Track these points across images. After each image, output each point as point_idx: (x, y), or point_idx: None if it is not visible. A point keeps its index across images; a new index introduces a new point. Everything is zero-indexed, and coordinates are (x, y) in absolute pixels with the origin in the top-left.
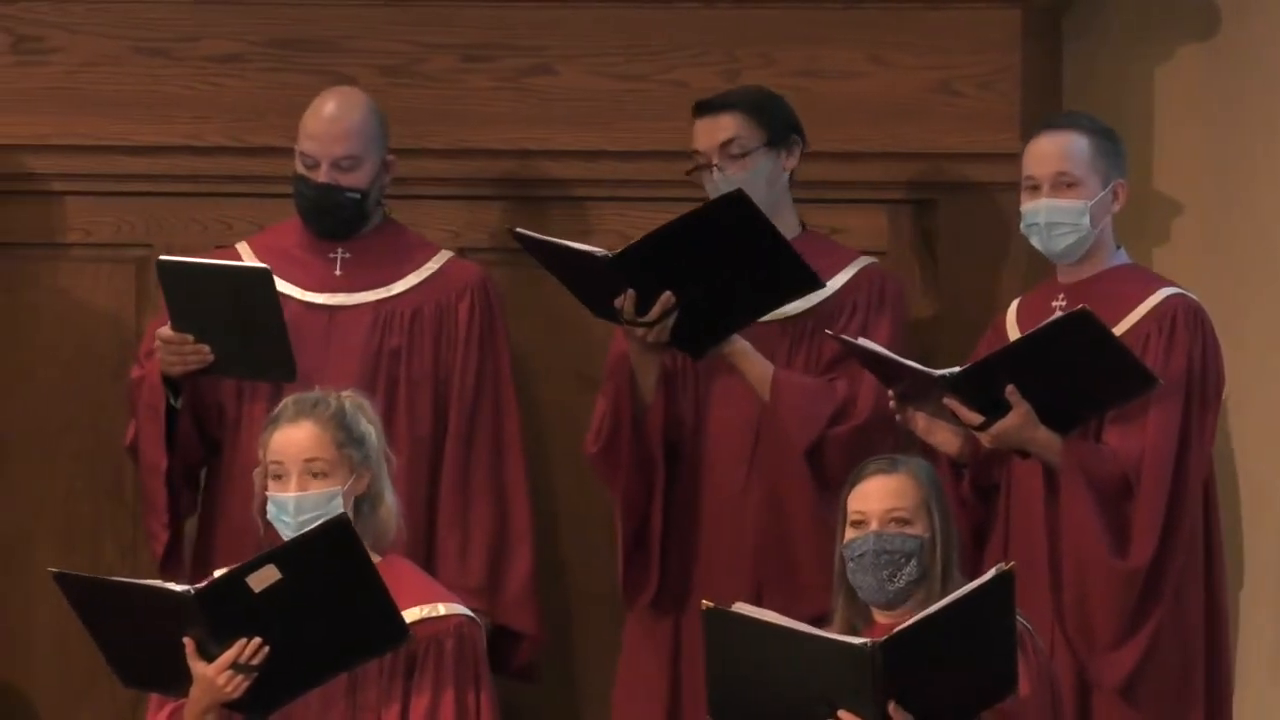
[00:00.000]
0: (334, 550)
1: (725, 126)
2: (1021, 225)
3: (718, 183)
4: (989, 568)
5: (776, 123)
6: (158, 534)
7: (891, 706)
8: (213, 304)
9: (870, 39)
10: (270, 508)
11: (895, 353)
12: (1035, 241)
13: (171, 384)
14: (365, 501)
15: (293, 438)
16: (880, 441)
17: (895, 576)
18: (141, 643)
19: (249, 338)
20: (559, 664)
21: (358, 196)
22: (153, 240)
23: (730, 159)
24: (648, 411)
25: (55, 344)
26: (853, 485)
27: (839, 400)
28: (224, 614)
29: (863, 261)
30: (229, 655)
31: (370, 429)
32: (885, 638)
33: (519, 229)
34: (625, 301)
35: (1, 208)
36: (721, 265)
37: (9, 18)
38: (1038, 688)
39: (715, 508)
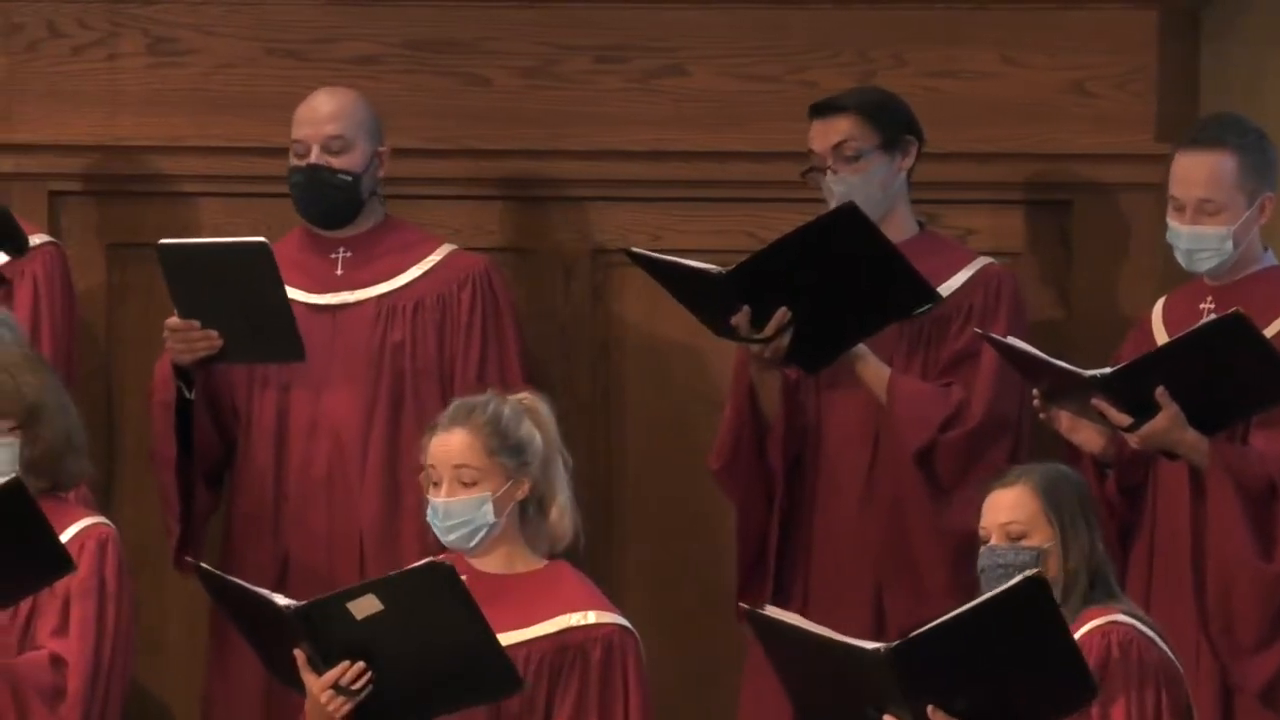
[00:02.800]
0: (437, 591)
1: (839, 129)
2: (1168, 236)
3: (831, 185)
4: (1135, 569)
5: (891, 125)
6: (170, 528)
7: (931, 710)
8: (215, 285)
9: (1003, 39)
10: (428, 512)
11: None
12: (1179, 258)
13: (185, 377)
14: (530, 505)
15: (446, 444)
16: (993, 448)
17: None
18: (272, 643)
19: (254, 317)
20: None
21: (349, 179)
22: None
23: (844, 161)
24: (771, 429)
25: None
26: (983, 497)
27: (952, 405)
28: (327, 635)
29: (980, 262)
30: (331, 675)
31: (535, 433)
32: (896, 643)
33: (633, 249)
34: (741, 319)
35: (137, 209)
36: (836, 279)
37: (145, 20)
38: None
39: (834, 516)
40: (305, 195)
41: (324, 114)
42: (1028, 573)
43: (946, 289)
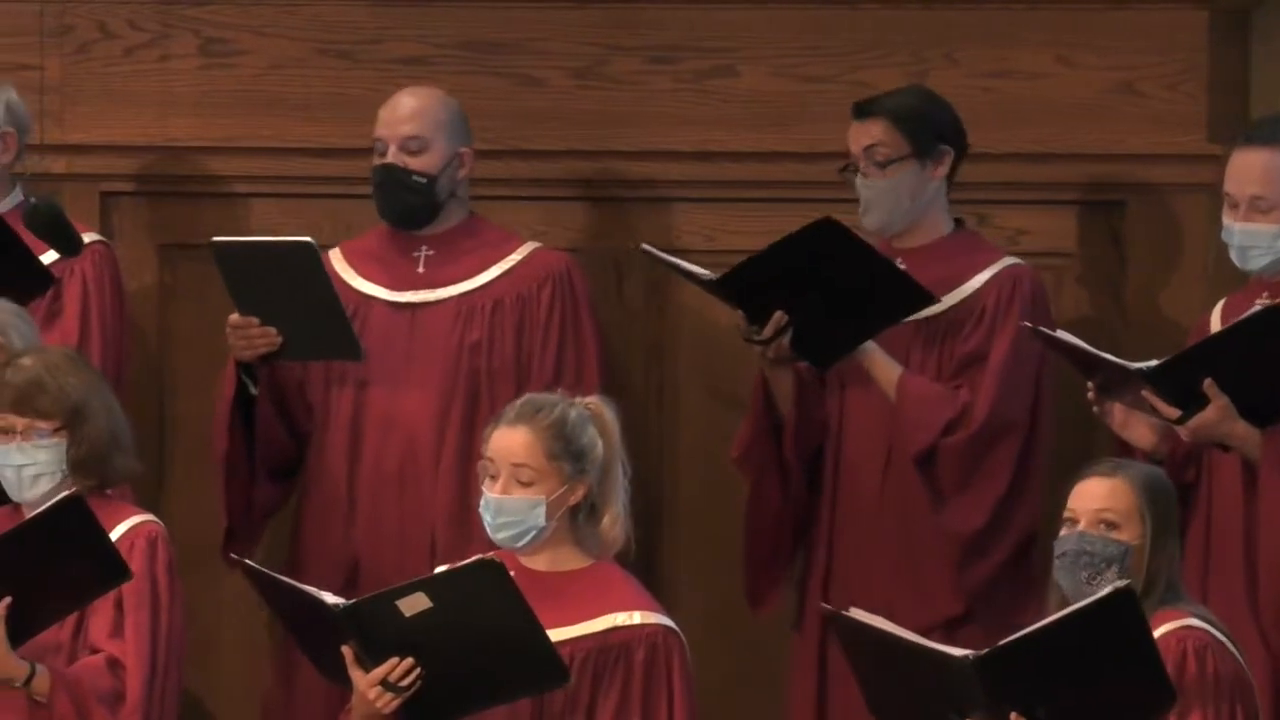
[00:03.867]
0: (487, 588)
1: (871, 133)
2: (1222, 234)
3: (859, 187)
4: (1190, 567)
5: (924, 134)
6: (220, 518)
7: (1013, 717)
8: (268, 283)
9: (1055, 40)
10: (480, 504)
11: (1018, 354)
12: (1232, 256)
13: (251, 372)
14: (581, 511)
15: (507, 440)
16: (996, 451)
17: (1094, 580)
18: (319, 640)
19: (308, 316)
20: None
21: (424, 181)
22: (339, 242)
23: (874, 166)
24: (784, 422)
25: None
26: (1073, 483)
27: (957, 408)
28: (375, 632)
29: (1005, 262)
30: (379, 672)
31: (598, 440)
32: (984, 652)
33: (644, 246)
34: (740, 321)
35: (188, 210)
36: (827, 285)
37: (197, 21)
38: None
39: (853, 511)
40: (382, 194)
41: (403, 114)
42: (1118, 584)
43: (965, 290)
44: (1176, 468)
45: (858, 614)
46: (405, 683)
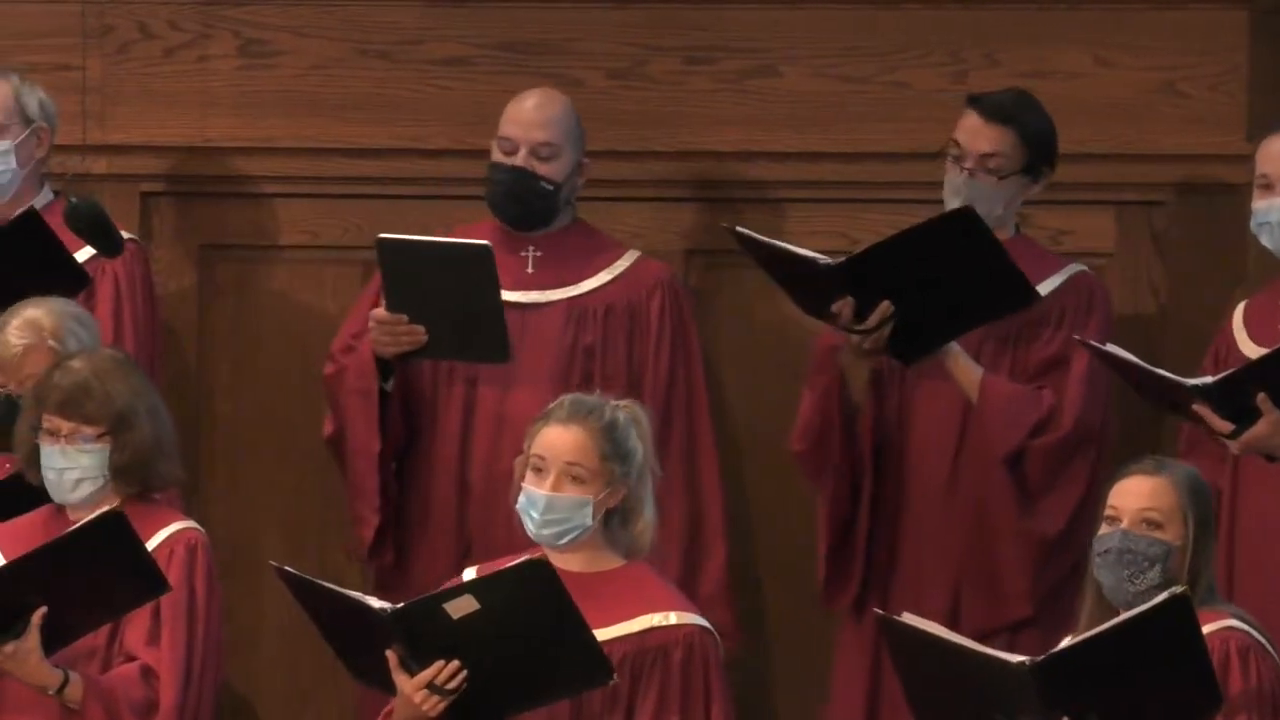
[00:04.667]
0: (534, 588)
1: (994, 139)
2: (1252, 223)
3: (960, 184)
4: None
5: (1040, 154)
6: (367, 519)
7: None
8: (430, 283)
9: (1095, 40)
10: (522, 498)
11: (1103, 364)
12: (1265, 240)
13: (382, 368)
14: (616, 515)
15: (561, 438)
16: (1080, 457)
17: (1136, 578)
18: (362, 646)
19: (465, 318)
20: (753, 661)
21: (551, 189)
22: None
23: (986, 171)
24: (858, 415)
25: (282, 346)
26: (1115, 480)
27: (1044, 409)
28: (422, 635)
29: (1073, 268)
30: (425, 675)
31: (639, 445)
32: (1041, 658)
33: (738, 228)
34: (845, 308)
35: (227, 210)
36: (942, 277)
37: (236, 21)
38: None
39: (918, 509)
40: (507, 196)
41: (538, 119)
42: (1174, 590)
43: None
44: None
45: (910, 618)
46: (452, 685)
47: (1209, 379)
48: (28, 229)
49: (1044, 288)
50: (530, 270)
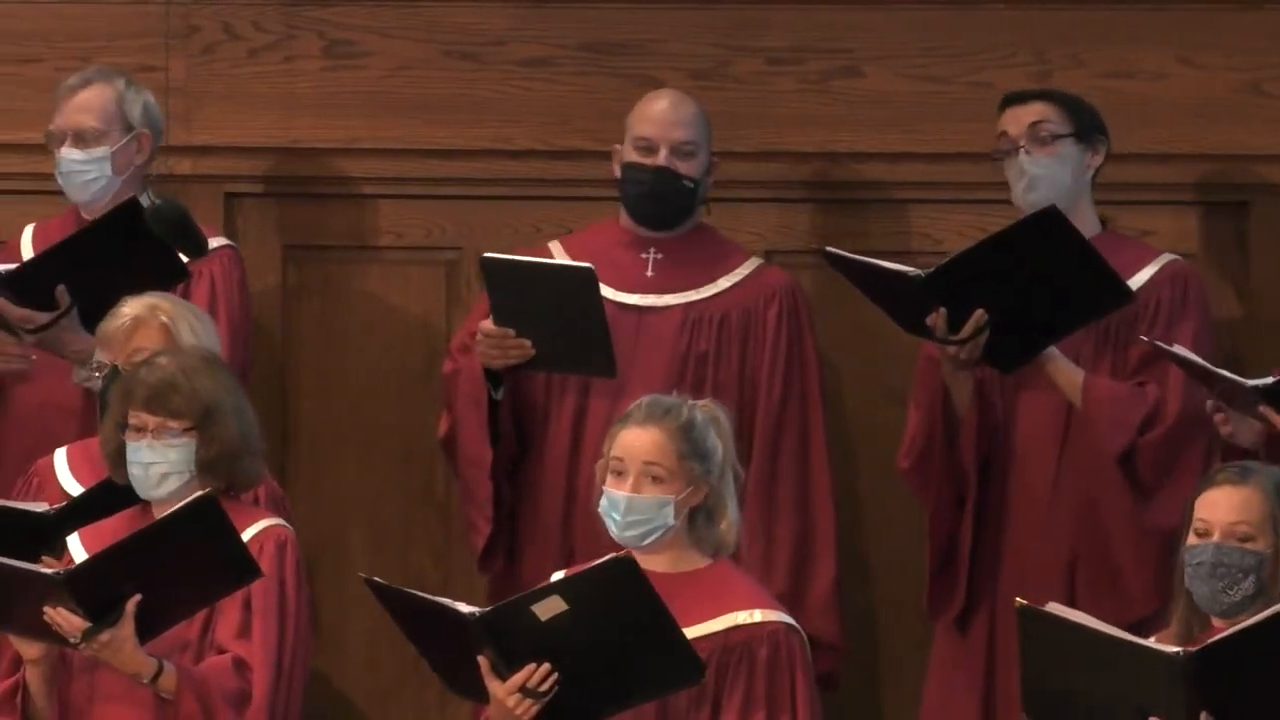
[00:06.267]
0: (621, 587)
1: (1036, 110)
2: None
3: (1023, 165)
4: None
5: (1085, 119)
6: (480, 527)
7: (1204, 717)
8: (536, 301)
9: (1179, 40)
10: (604, 502)
11: (1200, 349)
12: None
13: (492, 377)
14: (700, 513)
15: (639, 439)
16: (1191, 445)
17: (1231, 589)
18: (449, 653)
19: (571, 334)
20: (859, 672)
21: (692, 185)
22: (462, 243)
23: (1038, 143)
24: (962, 426)
25: (366, 346)
26: (1202, 490)
27: (1149, 405)
28: (512, 639)
29: (1165, 259)
30: (517, 679)
31: (719, 443)
32: (1198, 648)
33: (829, 248)
34: (938, 320)
35: (314, 211)
36: (1033, 280)
37: (322, 22)
38: None
39: (1023, 517)
40: (649, 196)
41: (677, 118)
42: None
43: (1132, 285)
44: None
45: (1056, 608)
46: (544, 688)
47: (1269, 379)
48: (127, 219)
49: (1136, 280)
50: (650, 273)
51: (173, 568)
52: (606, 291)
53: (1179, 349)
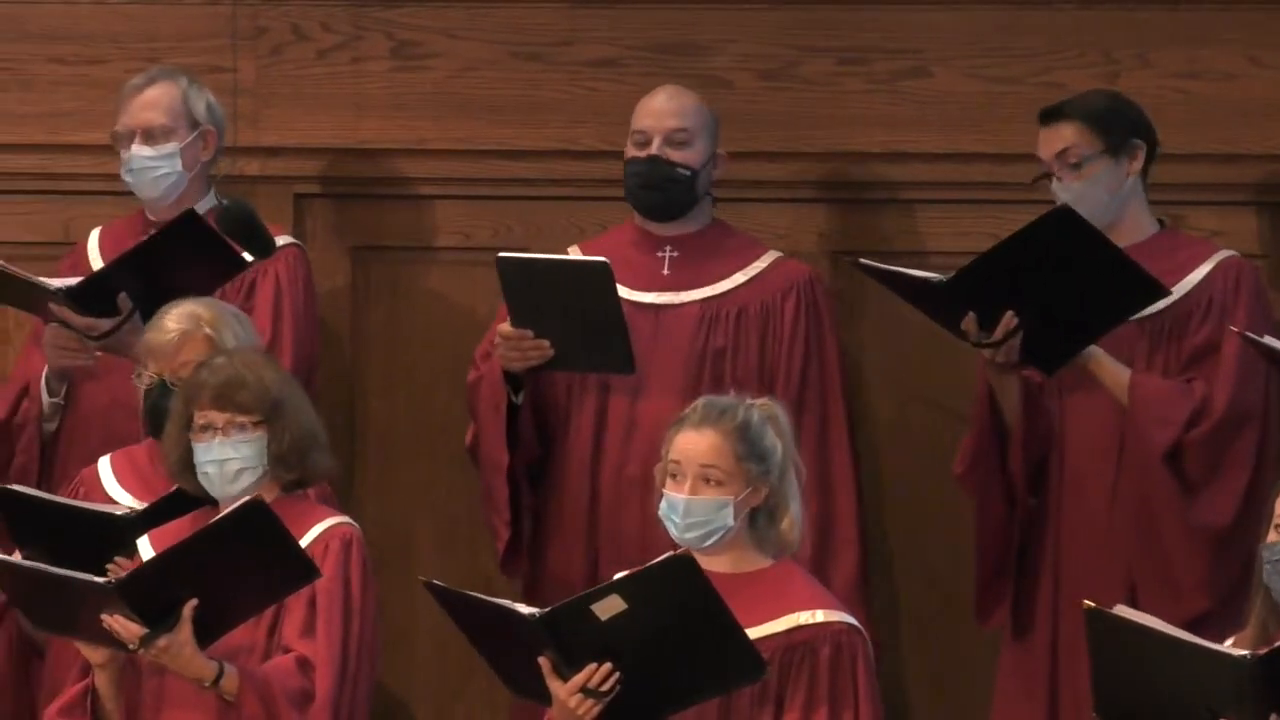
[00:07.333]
0: (680, 584)
1: (1062, 136)
2: None
3: (1056, 192)
4: None
5: (1115, 130)
6: (499, 532)
7: (1274, 718)
8: (552, 299)
9: (1249, 40)
10: (663, 505)
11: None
12: None
13: (513, 381)
14: (762, 513)
15: (694, 442)
16: (1239, 440)
17: None
18: (511, 655)
19: (588, 332)
20: (929, 677)
21: (687, 174)
22: (529, 244)
23: (1068, 169)
24: (1011, 433)
25: (434, 346)
26: (1278, 488)
27: (1196, 400)
28: (572, 639)
29: (1221, 254)
30: (578, 679)
31: (777, 442)
32: (1265, 651)
33: (861, 260)
34: (969, 323)
35: (380, 211)
36: (1060, 281)
37: (389, 23)
38: None
39: (1080, 519)
40: (644, 186)
41: (668, 108)
42: None
43: (1188, 284)
44: None
45: (1124, 610)
46: (605, 687)
47: None
48: (187, 229)
49: (1193, 277)
50: (666, 272)
51: (228, 572)
52: (624, 292)
53: (1269, 339)
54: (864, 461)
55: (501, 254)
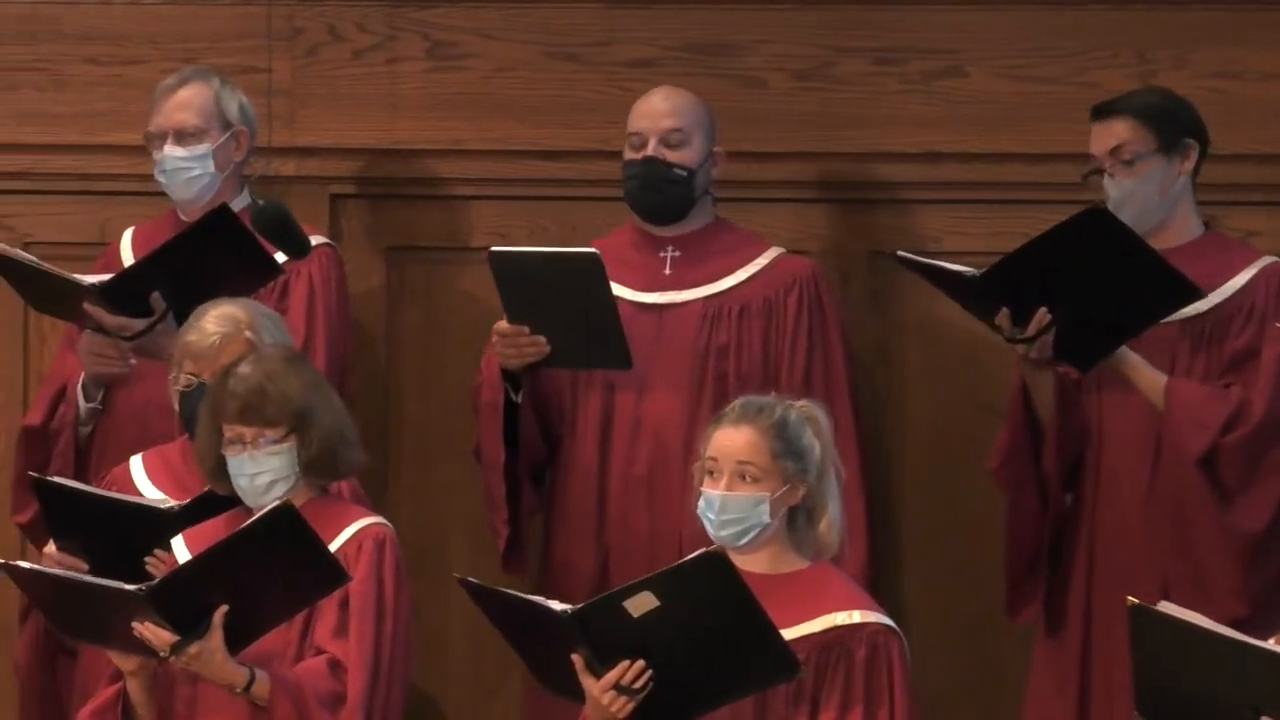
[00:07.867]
0: (713, 581)
1: (1116, 132)
2: None
3: (1108, 188)
4: None
5: (1170, 128)
6: (499, 530)
7: None
8: (546, 293)
9: None
10: (700, 502)
11: None
12: None
13: (512, 380)
14: (800, 513)
15: (731, 439)
16: (1275, 446)
17: None
18: (545, 652)
19: (583, 326)
20: (963, 676)
21: (684, 174)
22: (565, 244)
23: (1121, 165)
24: (1045, 430)
25: (467, 347)
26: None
27: (1232, 405)
28: (605, 636)
29: (1264, 261)
30: (611, 676)
31: (815, 442)
32: None
33: (900, 252)
34: (1001, 319)
35: (416, 212)
36: (1092, 280)
37: (425, 24)
38: None
39: (1115, 519)
40: (641, 187)
41: (663, 109)
42: None
43: (1229, 288)
44: None
45: (1169, 607)
46: (638, 685)
47: None
48: (219, 225)
49: (1235, 282)
50: (668, 271)
51: (258, 577)
52: (626, 293)
53: None
54: (903, 460)
55: (494, 248)
